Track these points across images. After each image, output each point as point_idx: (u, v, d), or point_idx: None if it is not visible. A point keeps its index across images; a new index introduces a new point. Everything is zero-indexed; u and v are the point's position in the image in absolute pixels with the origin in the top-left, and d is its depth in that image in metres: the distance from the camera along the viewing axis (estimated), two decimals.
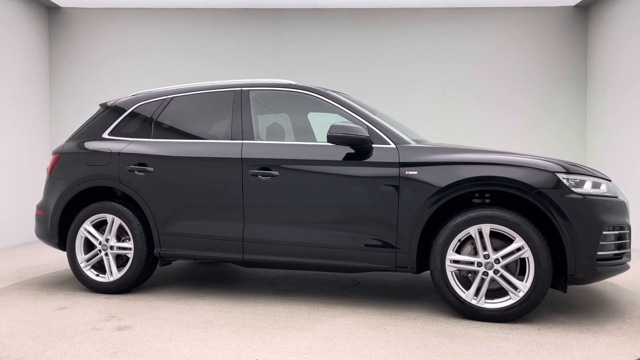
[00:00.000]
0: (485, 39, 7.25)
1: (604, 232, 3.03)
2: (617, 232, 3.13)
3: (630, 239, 3.25)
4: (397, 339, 2.88)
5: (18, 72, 6.69)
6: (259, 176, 3.62)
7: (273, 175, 3.60)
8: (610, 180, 3.35)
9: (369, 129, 3.50)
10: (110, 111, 4.30)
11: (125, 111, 4.22)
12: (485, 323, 3.13)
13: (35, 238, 6.97)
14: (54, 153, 4.35)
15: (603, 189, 3.17)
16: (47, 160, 7.33)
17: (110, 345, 2.83)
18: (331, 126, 3.41)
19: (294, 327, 3.12)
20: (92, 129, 4.29)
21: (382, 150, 3.40)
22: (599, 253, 3.02)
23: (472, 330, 3.01)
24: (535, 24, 7.22)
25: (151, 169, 3.92)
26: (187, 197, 3.83)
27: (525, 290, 3.06)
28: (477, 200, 3.38)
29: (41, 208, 4.29)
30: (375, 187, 3.37)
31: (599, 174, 3.29)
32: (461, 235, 3.19)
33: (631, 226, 3.34)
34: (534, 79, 7.21)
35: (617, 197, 3.20)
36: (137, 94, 4.33)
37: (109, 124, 4.22)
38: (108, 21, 7.39)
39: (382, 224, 3.35)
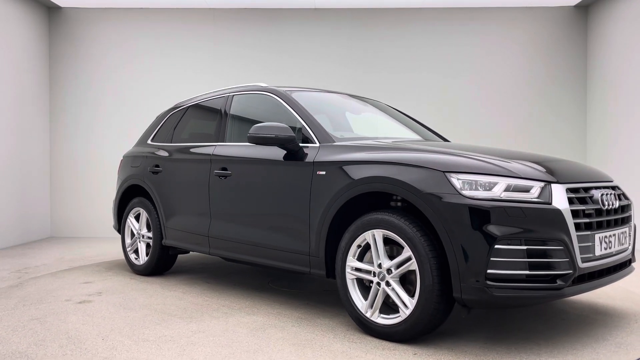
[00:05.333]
0: (485, 38, 7.25)
1: (496, 246, 2.39)
2: (528, 248, 2.41)
3: (571, 257, 2.47)
4: (250, 340, 2.80)
5: (18, 72, 6.69)
6: (219, 176, 3.81)
7: (228, 175, 3.75)
8: (602, 182, 2.89)
9: (303, 128, 3.38)
10: (156, 120, 5.03)
11: (163, 119, 4.88)
12: (366, 339, 2.81)
13: (34, 238, 7.01)
14: (122, 157, 5.20)
15: (533, 193, 2.51)
16: (47, 160, 7.34)
17: (44, 313, 3.35)
18: (252, 127, 3.32)
19: (198, 318, 3.24)
20: (144, 136, 5.05)
21: (308, 149, 3.26)
22: (489, 271, 2.39)
23: (336, 344, 2.73)
24: (535, 24, 7.22)
25: (161, 169, 4.46)
26: (180, 194, 4.24)
27: (412, 308, 2.61)
28: (393, 204, 2.99)
29: (113, 202, 5.13)
30: (295, 188, 3.23)
31: (541, 176, 2.59)
32: (359, 240, 2.86)
33: (569, 242, 2.48)
34: (534, 79, 7.21)
35: (548, 204, 2.48)
36: (175, 104, 4.89)
37: (152, 132, 4.93)
38: (108, 21, 7.39)
39: (299, 225, 3.21)
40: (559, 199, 2.52)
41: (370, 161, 2.89)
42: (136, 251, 4.73)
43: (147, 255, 4.58)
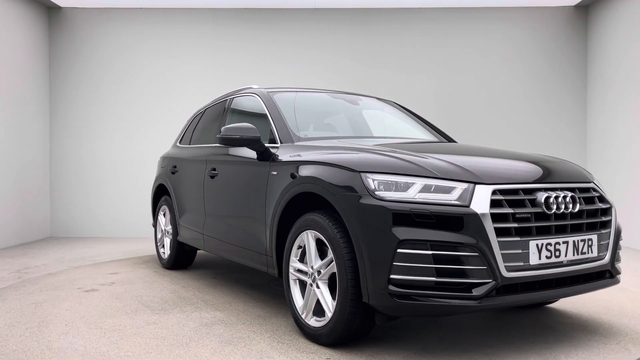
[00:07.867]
0: (485, 38, 7.25)
1: (399, 250, 2.23)
2: (435, 253, 2.21)
3: (490, 265, 2.23)
4: (188, 334, 2.84)
5: (18, 72, 6.68)
6: (210, 176, 3.92)
7: (216, 175, 3.85)
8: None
9: (271, 128, 3.39)
10: (186, 123, 5.21)
11: (189, 122, 5.08)
12: (298, 340, 2.75)
13: (34, 238, 7.00)
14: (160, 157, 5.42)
15: (453, 194, 2.31)
16: (47, 160, 7.33)
17: (47, 299, 3.61)
18: (222, 128, 3.34)
19: (167, 311, 3.33)
20: (176, 138, 5.24)
21: (271, 149, 3.24)
22: (393, 276, 2.24)
23: (261, 344, 2.70)
24: (535, 24, 7.22)
25: (177, 170, 4.69)
26: (188, 193, 4.42)
27: (332, 311, 2.54)
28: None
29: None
30: (256, 188, 3.26)
31: (464, 176, 2.38)
32: (299, 241, 2.80)
33: (487, 248, 2.23)
34: (534, 79, 7.21)
35: (465, 207, 2.27)
36: (201, 107, 5.03)
37: (181, 134, 5.13)
38: (108, 21, 7.39)
39: (258, 225, 3.23)
40: (480, 201, 2.29)
41: (308, 162, 2.85)
42: (164, 246, 4.99)
43: (170, 250, 4.85)
